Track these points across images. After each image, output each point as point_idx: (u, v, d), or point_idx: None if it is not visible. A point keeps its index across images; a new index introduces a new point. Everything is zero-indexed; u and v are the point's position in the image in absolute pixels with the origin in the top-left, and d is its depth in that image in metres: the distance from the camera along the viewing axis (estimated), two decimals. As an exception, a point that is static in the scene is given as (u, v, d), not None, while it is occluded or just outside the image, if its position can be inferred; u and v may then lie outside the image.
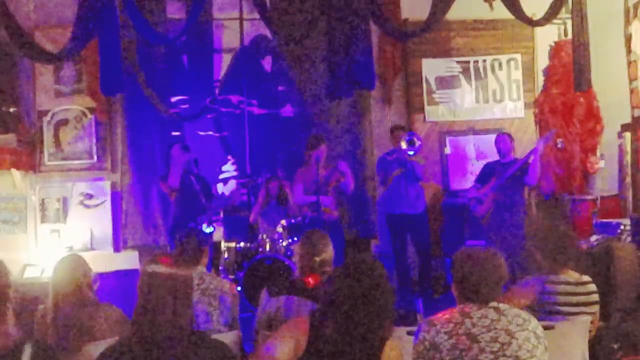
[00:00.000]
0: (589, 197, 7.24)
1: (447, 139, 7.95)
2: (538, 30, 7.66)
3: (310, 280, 3.39)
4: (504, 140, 6.67)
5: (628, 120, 7.12)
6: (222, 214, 6.96)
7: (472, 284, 2.63)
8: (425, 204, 6.86)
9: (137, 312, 2.36)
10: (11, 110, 7.32)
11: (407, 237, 6.81)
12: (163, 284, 2.34)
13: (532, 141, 7.77)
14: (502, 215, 6.44)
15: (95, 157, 7.63)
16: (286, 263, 6.17)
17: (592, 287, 3.48)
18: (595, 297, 3.47)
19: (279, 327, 3.10)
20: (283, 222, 6.57)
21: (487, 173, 6.72)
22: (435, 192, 7.66)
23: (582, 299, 3.42)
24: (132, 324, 2.37)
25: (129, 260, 7.24)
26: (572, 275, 3.48)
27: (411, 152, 6.49)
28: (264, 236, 6.59)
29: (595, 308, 3.47)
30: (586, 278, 3.50)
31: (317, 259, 3.52)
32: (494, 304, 2.61)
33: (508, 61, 8.03)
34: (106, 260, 7.02)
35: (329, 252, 3.59)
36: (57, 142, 7.60)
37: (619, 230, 6.14)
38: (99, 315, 3.33)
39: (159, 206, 7.62)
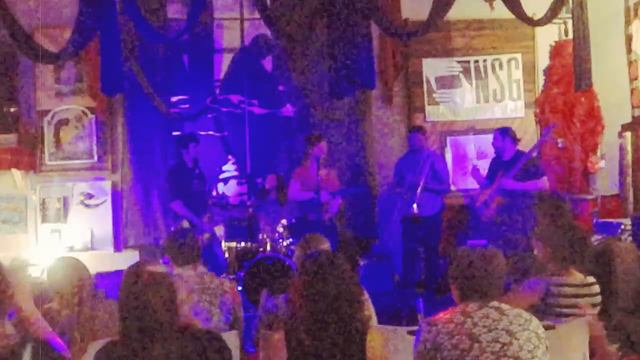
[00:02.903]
0: (590, 196, 7.24)
1: (448, 139, 7.95)
2: (538, 29, 7.65)
3: None
4: (495, 137, 6.57)
5: (629, 119, 7.12)
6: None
7: (472, 282, 2.61)
8: (440, 205, 6.83)
9: (123, 312, 2.36)
10: (12, 110, 7.33)
11: (419, 238, 6.78)
12: (145, 284, 2.34)
13: (532, 141, 7.77)
14: (509, 217, 6.33)
15: (95, 157, 7.63)
16: (286, 263, 6.17)
17: (596, 288, 3.46)
18: (599, 298, 3.46)
19: (279, 327, 3.11)
20: (283, 221, 6.58)
21: (492, 172, 6.63)
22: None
23: (586, 300, 3.40)
24: (120, 325, 2.36)
25: (129, 260, 7.17)
26: (577, 277, 3.45)
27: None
28: (264, 236, 6.60)
29: (597, 309, 3.46)
30: (590, 279, 3.47)
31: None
32: (495, 303, 2.59)
33: (508, 61, 8.02)
34: (107, 260, 7.03)
35: (325, 249, 3.62)
36: (58, 141, 7.60)
37: (619, 230, 6.14)
38: (100, 310, 3.34)
39: (160, 206, 7.62)
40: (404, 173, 6.83)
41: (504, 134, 6.51)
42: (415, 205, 6.50)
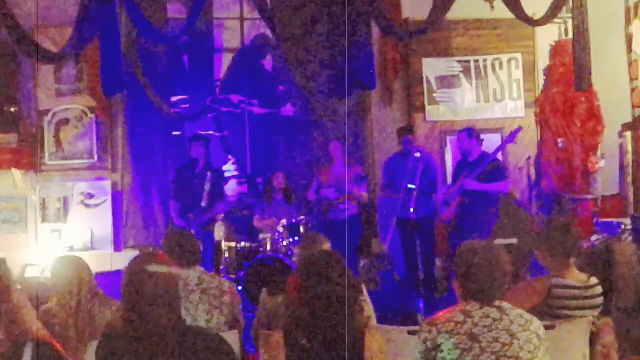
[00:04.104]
0: (590, 196, 7.23)
1: (448, 139, 7.94)
2: (539, 29, 7.65)
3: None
4: (460, 138, 6.52)
5: (629, 119, 7.12)
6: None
7: (477, 281, 2.59)
8: (434, 205, 6.82)
9: (126, 311, 2.35)
10: (12, 110, 7.33)
11: (416, 238, 6.78)
12: (149, 283, 2.33)
13: (532, 141, 7.79)
14: (469, 220, 6.24)
15: (95, 157, 7.63)
16: (287, 263, 6.17)
17: (599, 289, 3.44)
18: (601, 299, 3.45)
19: (278, 327, 3.11)
20: (284, 221, 6.58)
21: (456, 173, 6.59)
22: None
23: (589, 302, 3.39)
24: (123, 323, 2.36)
25: (129, 260, 7.19)
26: (579, 278, 3.43)
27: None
28: (265, 236, 6.59)
29: (599, 310, 3.46)
30: (593, 280, 3.45)
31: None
32: (497, 303, 2.58)
33: (509, 61, 8.02)
34: (107, 259, 7.04)
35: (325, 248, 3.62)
36: (58, 141, 7.60)
37: (620, 230, 6.13)
38: (102, 310, 3.34)
39: (160, 206, 7.62)
40: (395, 175, 6.79)
41: (471, 135, 6.48)
42: (412, 209, 6.47)
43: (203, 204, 6.39)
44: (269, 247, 6.50)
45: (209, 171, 6.50)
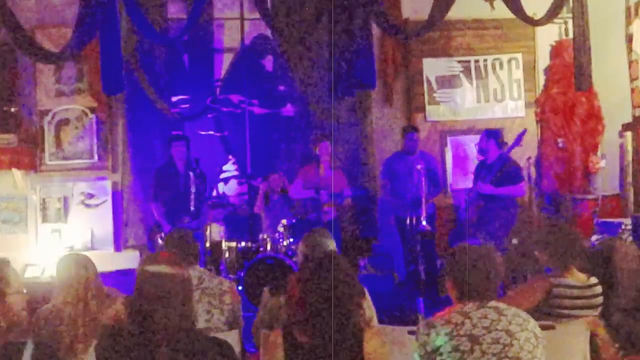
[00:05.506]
0: (590, 196, 7.24)
1: (448, 139, 7.95)
2: (539, 29, 7.65)
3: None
4: (480, 138, 6.61)
5: (629, 119, 7.12)
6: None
7: (471, 282, 2.60)
8: (434, 205, 6.83)
9: (135, 310, 2.35)
10: (12, 110, 7.33)
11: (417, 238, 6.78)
12: (163, 284, 2.33)
13: (532, 141, 7.78)
14: (486, 223, 6.27)
15: (96, 157, 7.63)
16: (287, 262, 6.17)
17: (598, 289, 3.45)
18: (600, 299, 3.45)
19: (279, 326, 3.11)
20: (284, 221, 6.58)
21: (476, 175, 6.64)
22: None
23: (589, 302, 3.40)
24: (131, 323, 2.35)
25: (129, 259, 7.22)
26: (579, 278, 3.45)
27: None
28: (265, 236, 6.60)
29: (598, 310, 3.46)
30: (593, 280, 3.47)
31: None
32: (493, 303, 2.59)
33: (509, 60, 8.01)
34: (107, 259, 7.01)
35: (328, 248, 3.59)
36: (58, 141, 7.60)
37: (620, 230, 6.13)
38: (107, 308, 3.34)
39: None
40: (396, 173, 6.79)
41: (489, 136, 6.55)
42: (424, 222, 6.45)
43: (192, 208, 6.38)
44: (269, 247, 6.50)
45: (190, 172, 6.46)
